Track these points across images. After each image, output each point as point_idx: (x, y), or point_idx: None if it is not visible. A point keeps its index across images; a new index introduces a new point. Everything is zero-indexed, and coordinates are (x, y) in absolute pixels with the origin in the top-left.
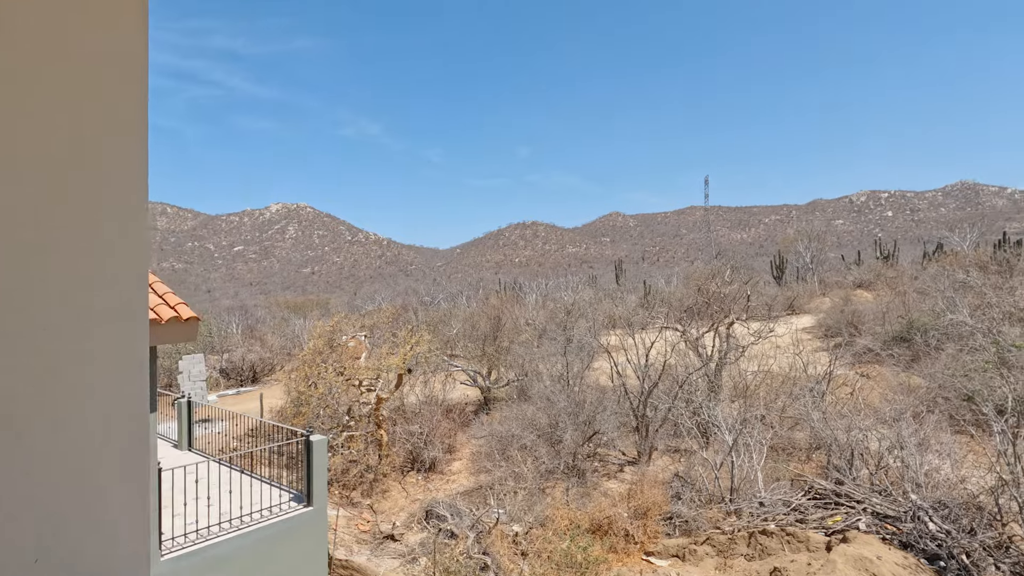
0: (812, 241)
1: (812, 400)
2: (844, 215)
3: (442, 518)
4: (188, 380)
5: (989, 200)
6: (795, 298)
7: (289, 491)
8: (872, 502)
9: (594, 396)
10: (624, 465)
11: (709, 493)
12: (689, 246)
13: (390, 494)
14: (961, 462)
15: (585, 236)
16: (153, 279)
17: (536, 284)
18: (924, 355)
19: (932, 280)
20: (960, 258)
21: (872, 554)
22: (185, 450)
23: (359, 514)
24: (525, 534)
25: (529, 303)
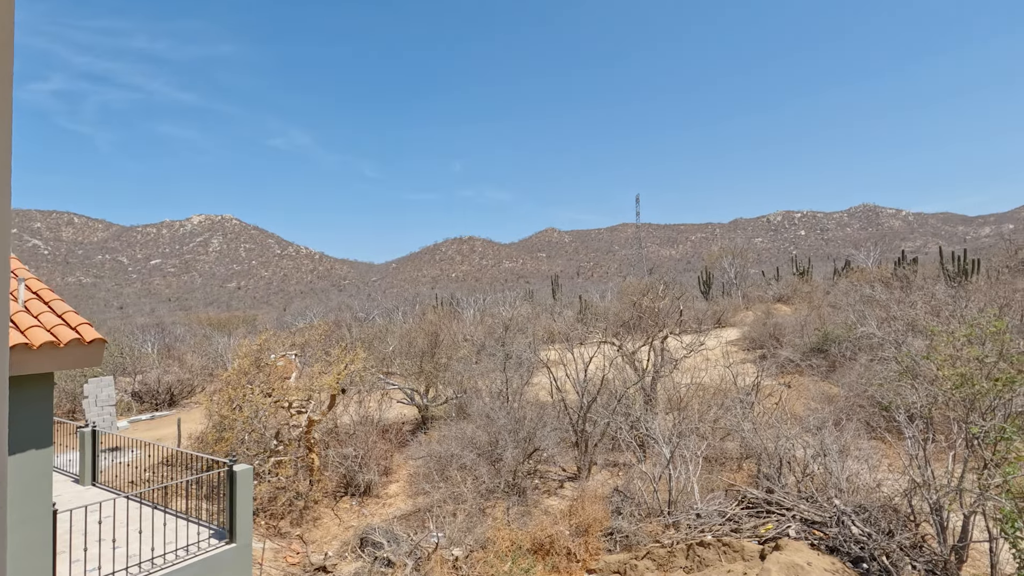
0: (735, 258)
1: (742, 411)
2: (763, 233)
3: (378, 545)
4: (95, 406)
5: (888, 221)
6: (722, 312)
7: (209, 526)
8: (800, 509)
9: (534, 412)
10: (564, 481)
11: (648, 507)
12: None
13: (322, 522)
14: (877, 467)
15: (522, 251)
16: (51, 296)
17: (474, 299)
18: (840, 365)
19: (843, 295)
20: (866, 274)
21: (803, 560)
22: (88, 485)
23: (288, 545)
24: (466, 558)
25: (467, 318)
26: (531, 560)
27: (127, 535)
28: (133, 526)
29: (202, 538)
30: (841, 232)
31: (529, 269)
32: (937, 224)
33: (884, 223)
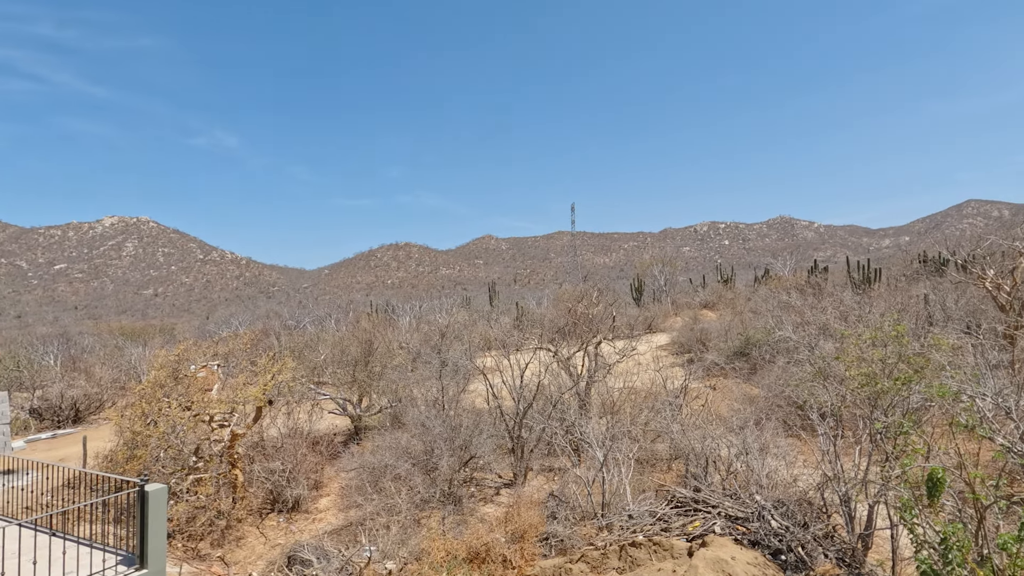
0: (665, 266)
1: (671, 413)
2: (690, 242)
3: (307, 563)
4: None
5: (802, 232)
6: (653, 318)
7: (117, 552)
8: (725, 506)
9: (470, 419)
10: (501, 488)
11: (583, 510)
12: (558, 269)
13: (246, 541)
14: (794, 463)
15: (459, 258)
16: None
17: (410, 306)
18: (760, 367)
19: (763, 301)
20: (783, 282)
21: (728, 555)
22: None
23: (208, 568)
24: (399, 571)
25: (403, 325)
26: (466, 569)
27: (19, 566)
28: (27, 556)
29: (108, 565)
30: (761, 242)
31: (466, 276)
32: (845, 236)
33: (799, 234)
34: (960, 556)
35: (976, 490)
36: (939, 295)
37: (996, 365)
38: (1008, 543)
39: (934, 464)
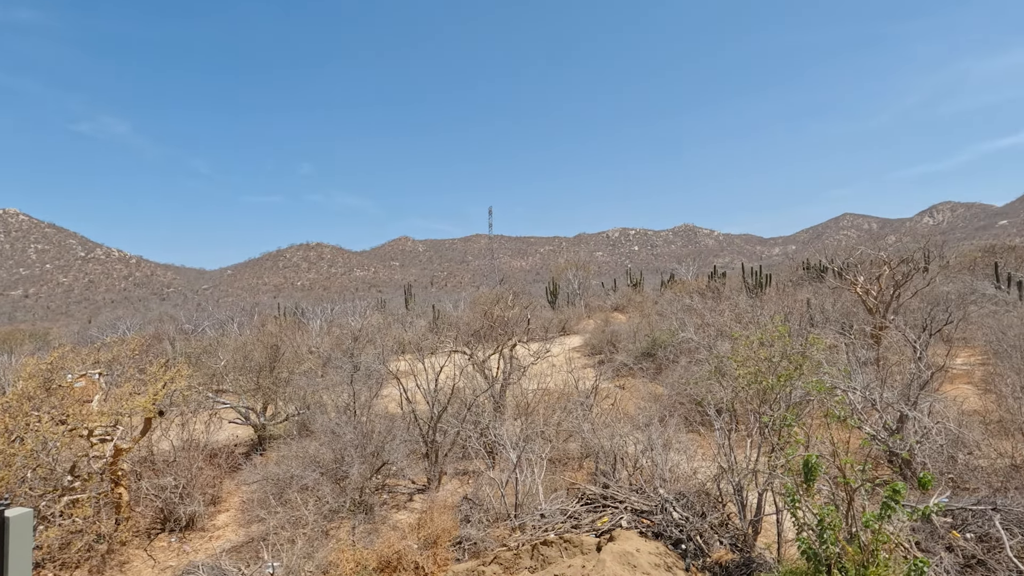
0: (579, 270)
1: (582, 413)
2: (603, 248)
3: None
4: None
5: (703, 240)
6: (567, 320)
7: None
8: (631, 500)
9: (383, 425)
10: (414, 494)
11: (496, 512)
12: (475, 272)
13: (131, 566)
14: (694, 456)
15: (374, 259)
16: None
17: (321, 309)
18: (665, 367)
19: (668, 304)
20: (686, 286)
21: (633, 548)
22: None
23: None
24: None
25: (313, 329)
26: None
27: None
28: None
29: None
30: (667, 248)
31: (382, 278)
32: (741, 243)
33: (701, 241)
34: (833, 535)
35: (846, 475)
36: (819, 299)
37: (865, 362)
38: (871, 521)
39: (812, 452)
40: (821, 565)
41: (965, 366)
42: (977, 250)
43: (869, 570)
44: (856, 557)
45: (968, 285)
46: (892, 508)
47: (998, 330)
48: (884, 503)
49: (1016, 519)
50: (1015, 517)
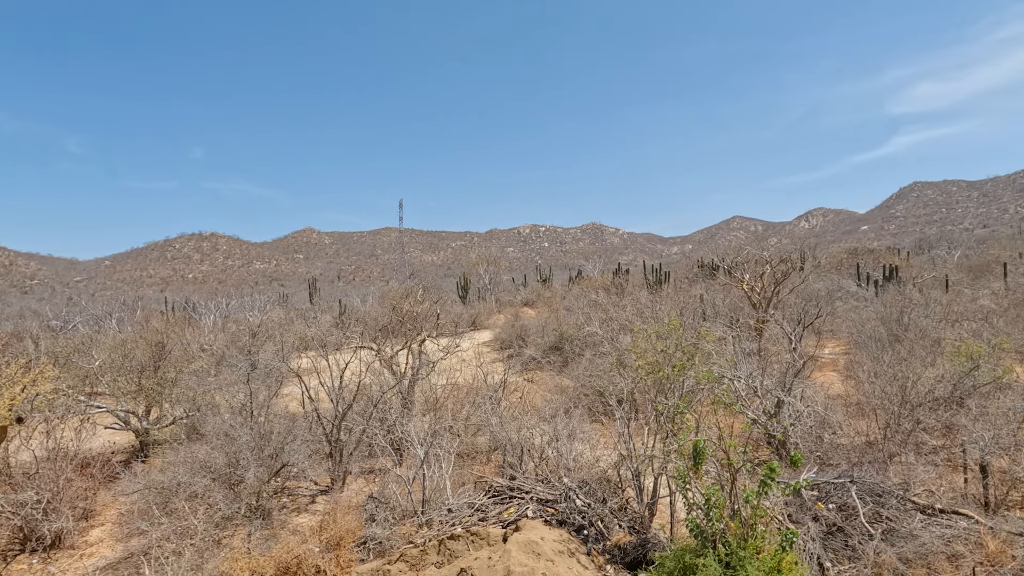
0: (490, 265)
1: (491, 407)
2: (514, 244)
3: None
4: None
5: (609, 238)
6: (477, 315)
7: None
8: (537, 490)
9: (283, 425)
10: (317, 495)
11: (403, 509)
12: (385, 266)
13: None
14: (596, 445)
15: (276, 252)
16: None
17: (215, 303)
18: (571, 360)
19: (575, 299)
20: (593, 282)
21: (537, 536)
22: None
23: None
24: None
25: (205, 325)
26: None
27: None
28: None
29: None
30: (575, 245)
31: (284, 271)
32: (644, 242)
33: (607, 239)
34: (718, 513)
35: (730, 457)
36: (711, 295)
37: (749, 352)
38: (750, 497)
39: (700, 437)
40: (707, 541)
41: (832, 355)
42: (843, 252)
43: (748, 542)
44: (738, 531)
45: (835, 283)
46: (768, 485)
47: (858, 323)
48: (762, 481)
49: (868, 489)
50: (868, 487)
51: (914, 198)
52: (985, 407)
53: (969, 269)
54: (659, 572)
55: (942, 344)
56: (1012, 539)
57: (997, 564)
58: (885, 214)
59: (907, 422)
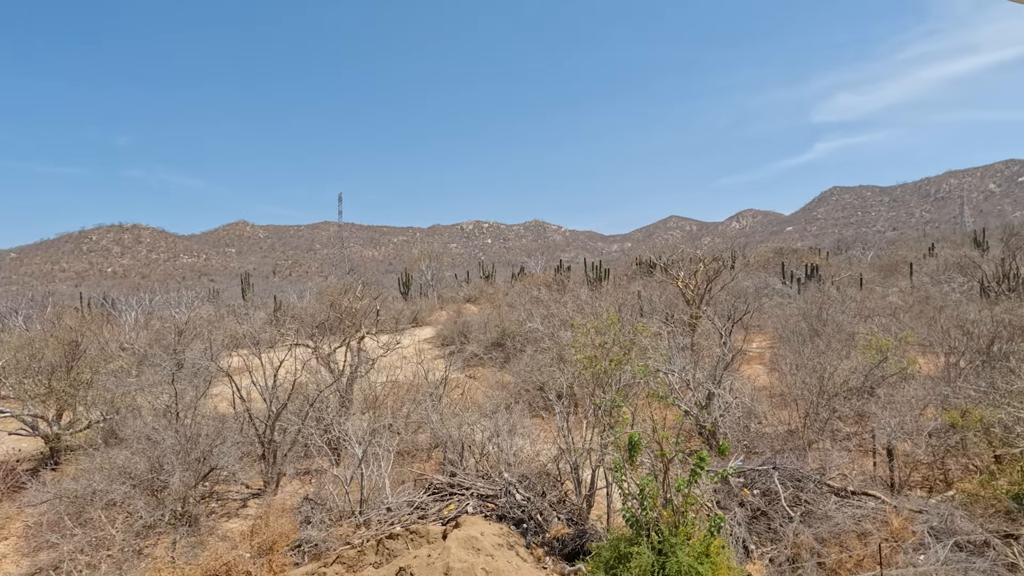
0: (432, 261)
1: (432, 404)
2: (457, 239)
3: None
4: None
5: (552, 235)
6: (419, 311)
7: None
8: (477, 486)
9: (212, 427)
10: (248, 499)
11: (340, 510)
12: (323, 261)
13: None
14: (537, 440)
15: (205, 245)
16: None
17: (137, 300)
18: (513, 356)
19: (517, 296)
20: (535, 279)
21: (477, 532)
22: None
23: None
24: None
25: (126, 323)
26: None
27: None
28: None
29: None
30: (518, 242)
31: (215, 266)
32: (585, 240)
33: (549, 237)
34: (651, 502)
35: (663, 448)
36: (648, 291)
37: (682, 347)
38: (681, 486)
39: (636, 430)
40: (642, 529)
41: (758, 349)
42: (770, 251)
43: (680, 529)
44: (670, 519)
45: (762, 281)
46: (698, 474)
47: (782, 319)
48: (692, 470)
49: (789, 475)
50: (789, 473)
51: (833, 201)
52: (892, 396)
53: (880, 268)
54: (595, 562)
55: (856, 338)
56: (913, 516)
57: (900, 540)
58: (808, 216)
59: (824, 411)
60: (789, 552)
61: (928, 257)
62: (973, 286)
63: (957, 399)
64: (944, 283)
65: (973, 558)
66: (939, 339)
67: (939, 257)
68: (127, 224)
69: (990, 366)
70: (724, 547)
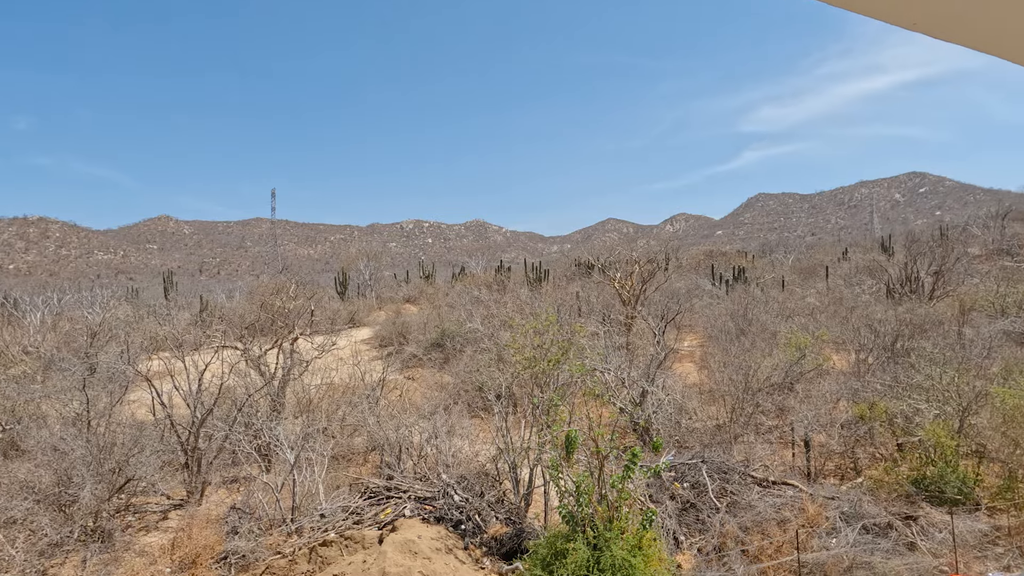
0: (371, 260)
1: (368, 406)
2: (397, 239)
3: None
4: None
5: (493, 236)
6: (356, 312)
7: None
8: (415, 489)
9: (129, 436)
10: (169, 511)
11: (270, 518)
12: (255, 259)
13: None
14: (476, 440)
15: (124, 241)
16: None
17: (44, 299)
18: (452, 357)
19: (458, 296)
20: (475, 279)
21: (414, 535)
22: None
23: None
24: None
25: (31, 324)
26: None
27: None
28: None
29: None
30: (459, 242)
31: (134, 263)
32: (525, 240)
33: (490, 237)
34: (587, 498)
35: (599, 445)
36: (586, 292)
37: (618, 346)
38: (616, 482)
39: (573, 428)
40: (577, 525)
41: (690, 347)
42: (701, 254)
43: (614, 524)
44: (605, 514)
45: (694, 282)
46: (632, 469)
47: (712, 318)
48: (626, 466)
49: (717, 467)
50: (716, 466)
51: (759, 207)
52: (809, 391)
53: (800, 271)
54: (533, 560)
55: (778, 336)
56: (826, 503)
57: (815, 525)
58: (736, 221)
59: (749, 406)
60: (716, 541)
61: (842, 261)
62: (880, 288)
63: (866, 393)
64: (855, 285)
65: (878, 539)
66: (850, 337)
67: (851, 261)
68: (32, 217)
69: (894, 361)
70: (656, 539)
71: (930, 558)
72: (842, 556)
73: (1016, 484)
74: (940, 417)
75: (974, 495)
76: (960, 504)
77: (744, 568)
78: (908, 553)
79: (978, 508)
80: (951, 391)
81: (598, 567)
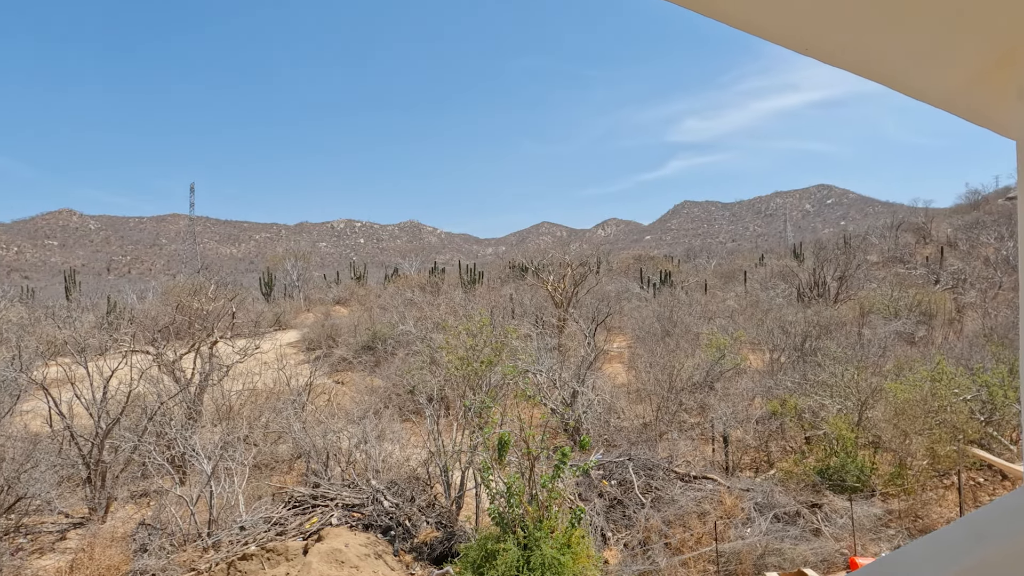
0: (299, 260)
1: (294, 412)
2: (327, 238)
3: None
4: None
5: (427, 237)
6: (282, 314)
7: None
8: (343, 496)
9: (20, 449)
10: (68, 530)
11: (184, 533)
12: (171, 258)
13: None
14: (407, 444)
15: (19, 236)
16: None
17: None
18: (384, 360)
19: (390, 297)
20: (409, 280)
21: (341, 544)
22: None
23: None
24: None
25: None
26: None
27: None
28: None
29: None
30: (393, 243)
31: (30, 260)
32: (460, 242)
33: (425, 238)
34: (518, 499)
35: (529, 445)
36: (520, 294)
37: (551, 348)
38: (546, 482)
39: (505, 429)
40: (508, 527)
41: (619, 349)
42: (631, 258)
43: (544, 523)
44: (535, 514)
45: (623, 285)
46: (561, 469)
47: (640, 320)
48: (556, 465)
49: (642, 464)
50: (642, 463)
51: (684, 214)
52: (728, 389)
53: (722, 275)
54: (463, 563)
55: (700, 337)
56: (742, 494)
57: (732, 516)
58: (663, 226)
59: (673, 404)
60: (641, 536)
61: (759, 266)
62: (792, 292)
63: (778, 390)
64: (770, 289)
65: (788, 527)
66: (765, 338)
67: (767, 266)
68: None
69: (803, 360)
70: (584, 536)
71: (832, 542)
72: (756, 544)
73: (905, 471)
74: (842, 411)
75: (870, 483)
76: (859, 491)
77: (667, 560)
78: (814, 539)
79: (873, 494)
80: (851, 387)
81: (528, 567)
